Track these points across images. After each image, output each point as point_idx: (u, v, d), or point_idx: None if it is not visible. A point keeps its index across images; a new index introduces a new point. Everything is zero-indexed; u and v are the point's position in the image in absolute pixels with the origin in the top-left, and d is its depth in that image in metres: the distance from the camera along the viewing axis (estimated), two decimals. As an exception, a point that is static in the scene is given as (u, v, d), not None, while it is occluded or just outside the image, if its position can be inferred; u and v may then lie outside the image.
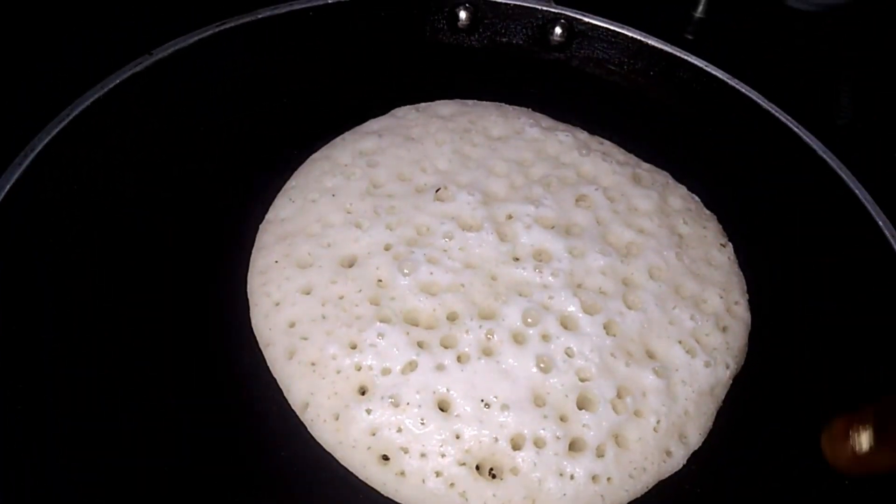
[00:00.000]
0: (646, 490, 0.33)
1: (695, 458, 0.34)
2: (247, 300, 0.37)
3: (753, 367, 0.37)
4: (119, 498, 0.30)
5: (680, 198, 0.42)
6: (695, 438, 0.34)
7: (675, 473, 0.33)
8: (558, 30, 0.52)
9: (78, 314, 0.35)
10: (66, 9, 0.50)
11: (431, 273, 0.36)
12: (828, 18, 0.65)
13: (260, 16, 0.49)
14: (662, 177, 0.44)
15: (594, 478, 0.32)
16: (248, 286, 0.37)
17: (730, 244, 0.41)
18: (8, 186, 0.37)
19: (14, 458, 0.30)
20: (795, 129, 0.47)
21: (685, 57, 0.51)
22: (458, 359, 0.34)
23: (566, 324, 0.35)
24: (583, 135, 0.45)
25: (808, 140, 0.46)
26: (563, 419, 0.33)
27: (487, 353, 0.34)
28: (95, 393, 0.33)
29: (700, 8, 0.68)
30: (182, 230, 0.39)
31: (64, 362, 0.34)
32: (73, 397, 0.33)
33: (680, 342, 0.36)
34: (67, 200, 0.39)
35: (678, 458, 0.33)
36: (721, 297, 0.38)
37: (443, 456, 0.31)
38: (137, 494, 0.31)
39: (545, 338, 0.35)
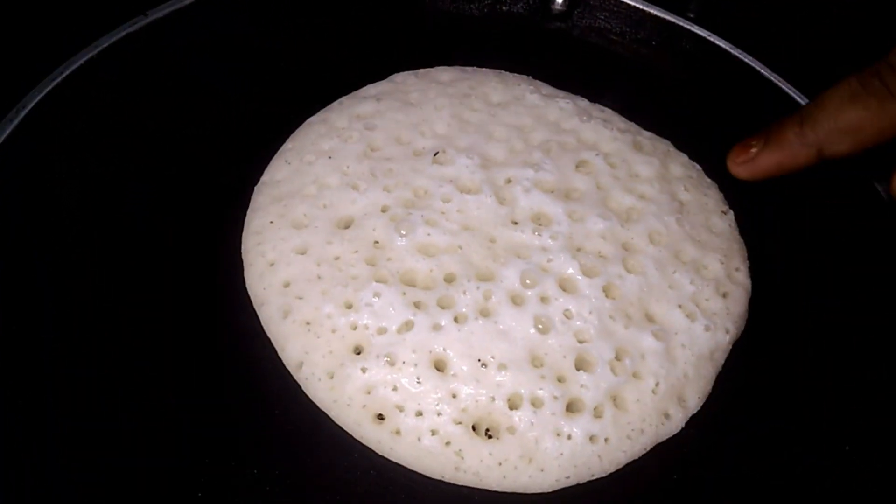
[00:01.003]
0: (644, 452, 0.32)
1: (693, 421, 0.33)
2: (241, 261, 0.37)
3: (753, 334, 0.37)
4: (115, 453, 0.30)
5: (681, 165, 0.42)
6: (693, 402, 0.34)
7: (674, 436, 0.33)
8: (560, -2, 0.52)
9: (74, 273, 0.35)
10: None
11: (429, 234, 0.36)
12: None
13: (257, -21, 0.48)
14: (664, 145, 0.43)
15: (592, 438, 0.31)
16: (243, 247, 0.37)
17: (731, 211, 0.40)
18: (4, 134, 0.37)
19: (18, 453, 0.30)
20: (798, 100, 0.46)
21: (688, 27, 0.50)
22: (455, 319, 0.33)
23: (565, 286, 0.35)
24: (583, 102, 0.44)
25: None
26: (560, 380, 0.32)
27: (485, 313, 0.33)
28: (92, 353, 0.33)
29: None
30: (176, 192, 0.39)
31: (62, 326, 0.33)
32: (71, 365, 0.32)
33: (680, 306, 0.35)
34: (59, 160, 0.39)
35: (677, 421, 0.33)
36: (721, 263, 0.37)
37: (439, 415, 0.31)
38: (133, 447, 0.30)
39: (543, 300, 0.34)
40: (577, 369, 0.33)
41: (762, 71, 0.48)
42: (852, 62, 0.37)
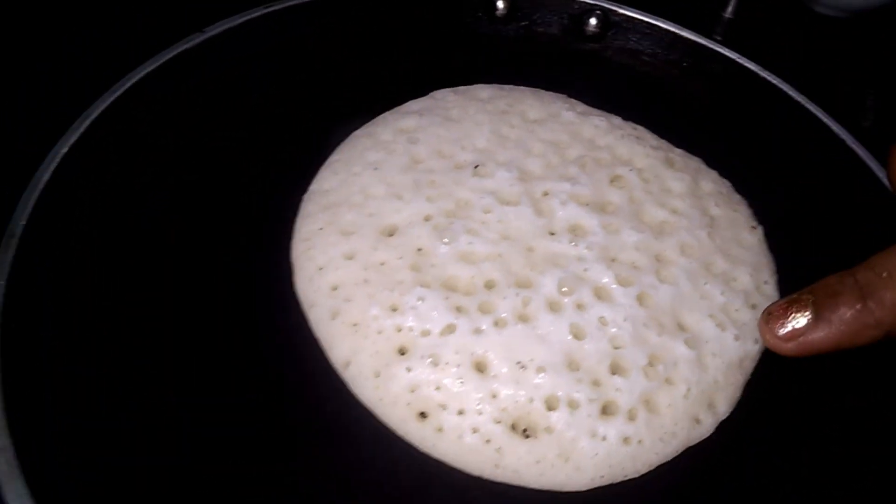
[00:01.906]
0: (675, 454, 0.33)
1: (723, 426, 0.35)
2: (290, 266, 0.39)
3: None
4: (161, 450, 0.32)
5: (711, 181, 0.43)
6: (723, 408, 0.35)
7: (704, 440, 0.34)
8: (593, 20, 0.54)
9: (132, 275, 0.37)
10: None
11: (470, 243, 0.37)
12: (855, 24, 0.66)
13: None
14: (695, 162, 0.45)
15: (625, 440, 0.33)
16: (293, 252, 0.39)
17: (760, 227, 0.42)
18: (71, 142, 0.39)
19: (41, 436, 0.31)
20: (825, 121, 0.48)
21: (717, 49, 0.52)
22: (496, 323, 0.35)
23: (600, 294, 0.36)
24: (617, 120, 0.46)
25: (837, 131, 0.47)
26: (596, 383, 0.34)
27: (524, 319, 0.35)
28: (144, 348, 0.35)
29: (730, 9, 0.69)
30: (229, 201, 0.41)
31: (115, 322, 0.35)
32: (120, 356, 0.34)
33: (710, 316, 0.37)
34: (119, 170, 0.41)
35: (707, 426, 0.34)
36: (751, 276, 0.39)
37: (479, 414, 0.33)
38: (181, 451, 0.32)
39: (580, 307, 0.36)
40: (612, 374, 0.34)
41: (790, 92, 0.49)
42: (876, 83, 0.38)
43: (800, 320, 0.29)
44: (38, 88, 0.47)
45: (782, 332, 0.30)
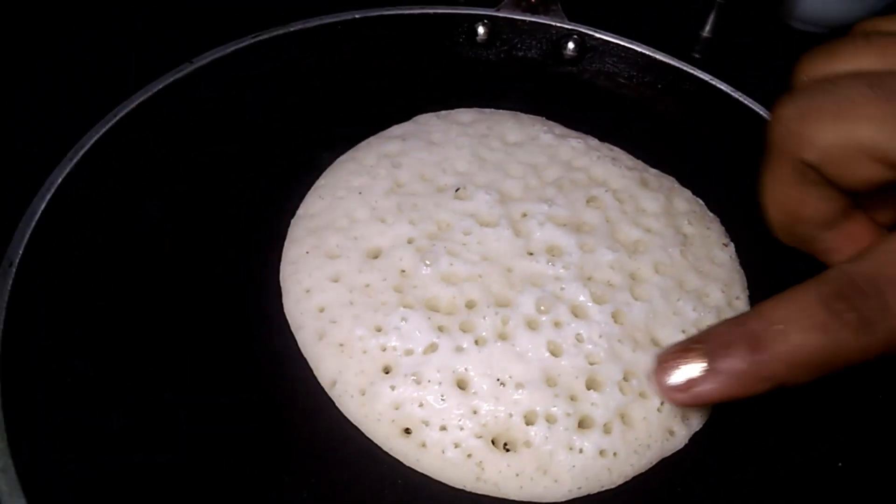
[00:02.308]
0: (650, 466, 0.35)
1: (696, 438, 0.36)
2: (279, 288, 0.40)
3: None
4: (155, 469, 0.33)
5: (685, 200, 0.45)
6: (696, 420, 0.36)
7: (678, 452, 0.35)
8: (571, 45, 0.56)
9: (125, 298, 0.38)
10: (111, 21, 0.53)
11: (451, 264, 0.39)
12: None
13: (292, 28, 0.52)
14: (668, 181, 0.46)
15: (602, 452, 0.34)
16: (281, 275, 0.40)
17: (732, 244, 0.43)
18: (59, 180, 0.40)
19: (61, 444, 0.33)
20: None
21: (692, 71, 0.54)
22: (476, 342, 0.36)
23: (577, 312, 0.38)
24: (594, 141, 0.48)
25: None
26: (573, 398, 0.35)
27: (503, 337, 0.36)
28: (137, 368, 0.36)
29: (708, 27, 0.71)
30: (218, 226, 0.42)
31: (109, 344, 0.36)
32: (113, 377, 0.35)
33: (683, 331, 0.38)
34: (114, 195, 0.42)
35: (680, 438, 0.36)
36: (723, 292, 0.40)
37: (461, 429, 0.34)
38: (172, 468, 0.33)
39: (557, 325, 0.37)
40: (588, 389, 0.35)
41: (762, 112, 0.51)
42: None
43: (693, 370, 0.29)
44: (32, 120, 0.48)
45: (675, 381, 0.30)
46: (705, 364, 0.28)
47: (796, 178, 0.30)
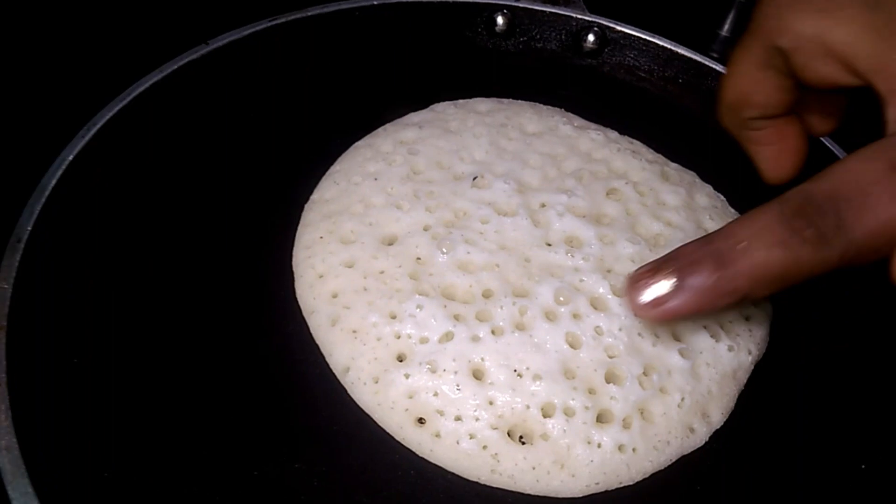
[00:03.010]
0: (669, 463, 0.34)
1: (717, 436, 0.35)
2: (291, 272, 0.39)
3: (774, 356, 0.39)
4: (165, 453, 0.32)
5: (706, 195, 0.44)
6: (717, 417, 0.35)
7: (698, 450, 0.35)
8: (591, 37, 0.55)
9: (136, 279, 0.37)
10: (131, 2, 0.53)
11: (468, 252, 0.38)
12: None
13: (309, 13, 0.51)
14: (690, 176, 0.45)
15: (620, 447, 0.33)
16: (294, 259, 0.39)
17: (754, 240, 0.42)
18: (71, 157, 0.40)
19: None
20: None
21: (712, 65, 0.53)
22: (493, 331, 0.35)
23: (596, 304, 0.37)
24: (613, 134, 0.47)
25: (830, 146, 0.48)
26: (591, 391, 0.34)
27: (520, 327, 0.36)
28: (147, 351, 0.35)
29: (726, 26, 0.70)
30: (232, 209, 0.42)
31: (119, 325, 0.36)
32: (124, 359, 0.35)
33: (705, 327, 0.37)
34: (125, 174, 0.41)
35: (701, 435, 0.35)
36: (744, 288, 0.39)
37: (476, 420, 0.33)
38: (184, 451, 0.32)
39: (576, 316, 0.36)
40: (607, 382, 0.34)
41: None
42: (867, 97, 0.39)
43: (662, 288, 0.30)
44: (46, 97, 0.48)
45: (646, 299, 0.30)
46: (675, 281, 0.29)
47: (763, 60, 0.33)
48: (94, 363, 0.34)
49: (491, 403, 0.33)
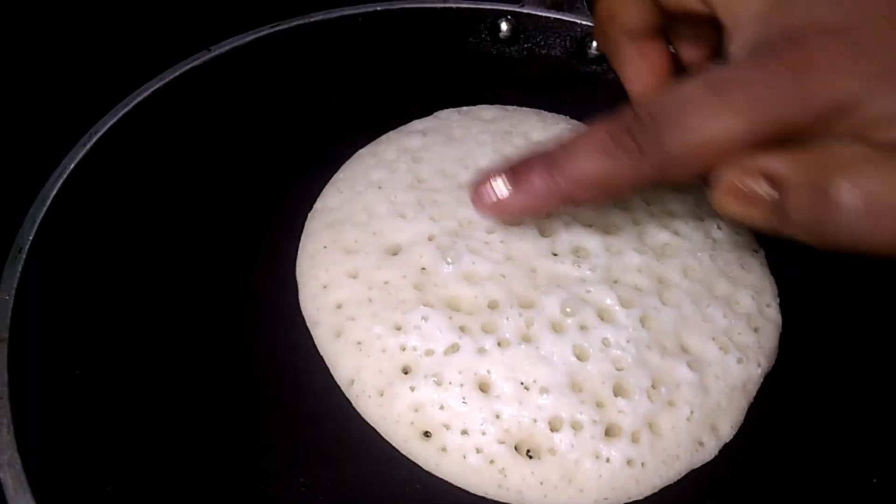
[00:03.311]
0: (678, 477, 0.33)
1: (726, 450, 0.35)
2: (295, 283, 0.39)
3: (784, 369, 0.38)
4: (168, 467, 0.32)
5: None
6: (726, 431, 0.35)
7: (707, 463, 0.34)
8: (595, 43, 0.54)
9: (138, 289, 0.37)
10: (132, 5, 0.52)
11: (474, 263, 0.38)
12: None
13: (312, 19, 0.51)
14: (697, 185, 0.45)
15: (629, 462, 0.33)
16: (297, 269, 0.39)
17: (762, 250, 0.42)
18: (72, 165, 0.39)
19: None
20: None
21: (719, 73, 0.52)
22: (499, 343, 0.35)
23: (603, 316, 0.36)
24: (619, 142, 0.46)
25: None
26: (599, 405, 0.34)
27: (527, 339, 0.35)
28: (149, 361, 0.35)
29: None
30: (233, 218, 0.41)
31: (121, 335, 0.35)
32: (126, 369, 0.34)
33: (713, 339, 0.37)
34: (128, 182, 0.41)
35: (710, 449, 0.34)
36: (753, 299, 0.39)
37: (483, 434, 0.33)
38: (187, 465, 0.32)
39: (583, 328, 0.36)
40: (615, 395, 0.34)
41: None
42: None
43: (501, 188, 0.34)
44: (47, 104, 0.47)
45: (487, 199, 0.34)
46: (511, 182, 0.33)
47: None
48: (96, 375, 0.33)
49: (497, 417, 0.33)
